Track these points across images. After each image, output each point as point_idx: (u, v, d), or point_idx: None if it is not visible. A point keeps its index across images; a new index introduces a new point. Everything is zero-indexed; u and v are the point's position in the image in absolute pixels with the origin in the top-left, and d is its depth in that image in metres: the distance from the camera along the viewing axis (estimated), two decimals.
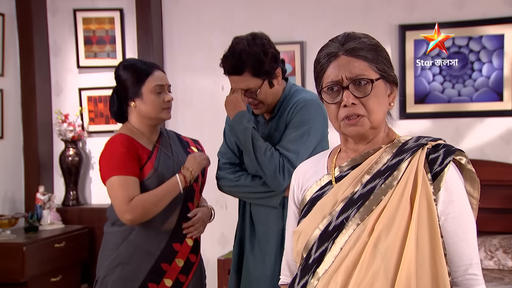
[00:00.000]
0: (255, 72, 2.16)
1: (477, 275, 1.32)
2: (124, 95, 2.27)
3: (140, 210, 2.12)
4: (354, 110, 1.34)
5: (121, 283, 2.16)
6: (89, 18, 4.30)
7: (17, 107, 4.23)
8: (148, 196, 2.15)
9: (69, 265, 3.93)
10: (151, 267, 2.18)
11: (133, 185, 2.14)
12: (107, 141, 2.24)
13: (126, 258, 2.17)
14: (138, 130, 2.27)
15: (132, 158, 2.17)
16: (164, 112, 2.26)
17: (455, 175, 1.34)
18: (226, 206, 4.00)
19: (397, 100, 1.45)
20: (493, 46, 3.69)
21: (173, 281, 2.21)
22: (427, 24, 3.74)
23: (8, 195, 4.14)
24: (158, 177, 2.20)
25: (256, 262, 2.25)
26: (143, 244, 2.19)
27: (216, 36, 4.13)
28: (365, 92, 1.34)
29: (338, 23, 3.89)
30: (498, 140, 3.72)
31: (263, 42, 2.18)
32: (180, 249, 2.24)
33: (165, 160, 2.26)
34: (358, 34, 1.40)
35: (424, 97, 3.80)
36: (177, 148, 2.36)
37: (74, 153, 4.23)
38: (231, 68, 2.17)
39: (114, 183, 2.14)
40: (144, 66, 2.26)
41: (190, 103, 4.23)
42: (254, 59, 2.14)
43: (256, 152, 2.15)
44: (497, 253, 3.33)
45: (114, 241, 2.21)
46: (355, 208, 1.33)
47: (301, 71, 3.97)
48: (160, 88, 2.24)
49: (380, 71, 1.37)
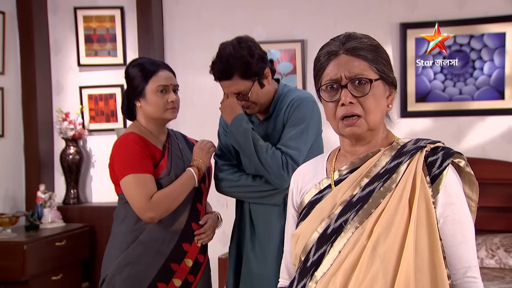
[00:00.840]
0: (243, 74, 2.19)
1: (476, 277, 1.32)
2: (131, 94, 2.27)
3: (162, 207, 2.14)
4: (351, 109, 1.34)
5: (130, 282, 2.15)
6: (89, 16, 4.30)
7: (17, 106, 4.23)
8: (167, 192, 2.16)
9: (70, 263, 3.93)
10: (161, 267, 2.18)
11: (151, 183, 2.15)
12: (118, 140, 2.23)
13: (136, 258, 2.17)
14: (147, 129, 2.27)
15: (146, 156, 2.17)
16: (169, 112, 2.25)
17: (454, 177, 1.34)
18: (227, 205, 3.98)
19: (397, 99, 1.44)
20: (495, 44, 3.68)
21: (182, 281, 2.21)
22: (428, 23, 3.73)
23: (9, 194, 4.14)
24: (171, 177, 2.21)
25: (258, 260, 2.25)
26: (153, 244, 2.18)
27: (217, 34, 4.11)
28: (363, 91, 1.34)
29: (339, 21, 3.88)
30: (500, 139, 3.71)
31: (248, 44, 2.21)
32: (189, 249, 2.24)
33: (176, 161, 2.27)
34: (359, 35, 1.40)
35: (425, 95, 3.79)
36: (185, 149, 2.37)
37: (75, 152, 4.23)
38: (220, 74, 2.21)
39: (131, 182, 2.13)
40: (150, 66, 2.25)
41: (191, 102, 4.22)
42: (241, 62, 2.17)
43: (258, 152, 2.17)
44: (498, 252, 3.33)
45: (124, 241, 2.20)
46: (354, 211, 1.32)
47: (302, 69, 3.96)
48: (164, 88, 2.23)
49: (379, 72, 1.36)
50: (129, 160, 2.15)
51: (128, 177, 2.14)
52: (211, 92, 4.17)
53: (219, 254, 3.76)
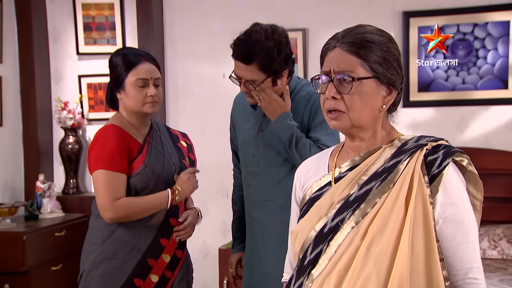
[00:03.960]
0: (263, 67, 2.10)
1: (478, 279, 1.29)
2: (112, 84, 2.24)
3: (123, 213, 2.12)
4: (334, 104, 1.33)
5: (106, 278, 2.13)
6: (88, 4, 4.25)
7: (16, 94, 4.20)
8: (135, 202, 2.14)
9: (69, 253, 3.90)
10: (137, 263, 2.16)
11: (119, 183, 2.12)
12: (99, 131, 2.22)
13: (112, 253, 2.15)
14: (128, 121, 2.24)
15: (122, 153, 2.14)
16: (147, 106, 2.20)
17: (455, 177, 1.31)
18: (228, 195, 3.97)
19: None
20: (499, 33, 3.63)
21: (159, 277, 2.18)
22: (431, 11, 3.68)
23: (8, 184, 4.12)
24: (148, 173, 2.17)
25: (270, 259, 2.21)
26: (129, 239, 2.16)
27: (217, 22, 4.07)
28: (346, 89, 1.32)
29: (341, 9, 3.83)
30: (503, 129, 3.67)
31: (280, 39, 2.12)
32: (167, 245, 2.21)
33: (156, 155, 2.23)
34: (365, 29, 1.35)
35: (428, 85, 3.75)
36: (167, 142, 2.32)
37: (74, 141, 4.20)
38: (241, 54, 2.10)
39: (100, 178, 2.12)
40: (132, 57, 2.20)
41: (191, 91, 4.19)
42: (265, 54, 2.07)
43: (302, 149, 2.10)
44: (500, 243, 3.30)
45: (100, 235, 2.19)
46: (351, 211, 1.31)
47: (303, 58, 3.92)
48: (143, 82, 2.18)
49: (373, 71, 1.32)
50: (103, 155, 2.13)
51: (99, 172, 2.12)
52: (211, 81, 4.14)
53: (219, 245, 3.74)
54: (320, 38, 3.78)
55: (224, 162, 3.97)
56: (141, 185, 2.17)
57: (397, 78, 1.37)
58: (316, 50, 3.72)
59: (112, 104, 2.30)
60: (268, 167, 2.22)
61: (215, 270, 3.68)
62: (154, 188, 2.19)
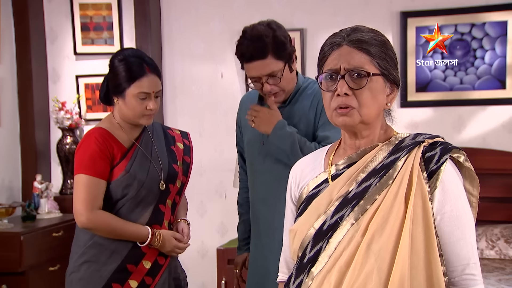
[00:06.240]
0: (277, 54, 2.09)
1: (475, 275, 1.30)
2: (111, 87, 2.21)
3: (98, 225, 2.11)
4: (346, 100, 1.33)
5: (86, 281, 2.13)
6: (85, 4, 4.23)
7: (13, 95, 4.18)
8: (114, 222, 2.13)
9: (67, 254, 3.85)
10: (117, 267, 2.14)
11: (98, 189, 2.11)
12: (86, 133, 2.21)
13: (92, 257, 2.14)
14: (119, 125, 2.22)
15: (103, 158, 2.13)
16: (144, 119, 2.19)
17: (452, 173, 1.31)
18: (225, 195, 3.96)
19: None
20: (496, 33, 3.63)
21: (139, 283, 2.16)
22: (429, 11, 3.69)
23: (5, 184, 4.11)
24: (128, 179, 2.15)
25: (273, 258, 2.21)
26: (110, 243, 2.15)
27: (215, 22, 4.07)
28: (359, 84, 1.33)
29: (339, 10, 3.83)
30: (500, 129, 3.68)
31: (279, 25, 2.15)
32: (148, 251, 2.19)
33: (140, 161, 2.20)
34: (366, 28, 1.39)
35: (426, 85, 3.75)
36: (160, 145, 2.29)
37: (72, 141, 4.19)
38: (254, 52, 2.08)
39: (80, 182, 2.12)
40: (137, 68, 2.15)
41: (189, 91, 4.18)
42: (275, 41, 2.08)
43: (306, 153, 2.08)
44: (498, 243, 3.31)
45: (82, 239, 2.18)
46: (350, 208, 1.31)
47: (301, 58, 3.91)
48: (145, 95, 2.16)
49: (381, 68, 1.34)
50: (84, 160, 2.12)
51: (79, 176, 2.12)
52: (209, 81, 4.13)
53: (217, 245, 3.74)
54: (318, 38, 3.78)
55: (222, 163, 3.98)
56: (121, 191, 2.15)
57: (397, 76, 1.40)
58: (314, 50, 3.73)
59: (106, 101, 2.27)
60: (273, 164, 2.21)
61: (213, 271, 3.67)
62: (136, 196, 2.17)
